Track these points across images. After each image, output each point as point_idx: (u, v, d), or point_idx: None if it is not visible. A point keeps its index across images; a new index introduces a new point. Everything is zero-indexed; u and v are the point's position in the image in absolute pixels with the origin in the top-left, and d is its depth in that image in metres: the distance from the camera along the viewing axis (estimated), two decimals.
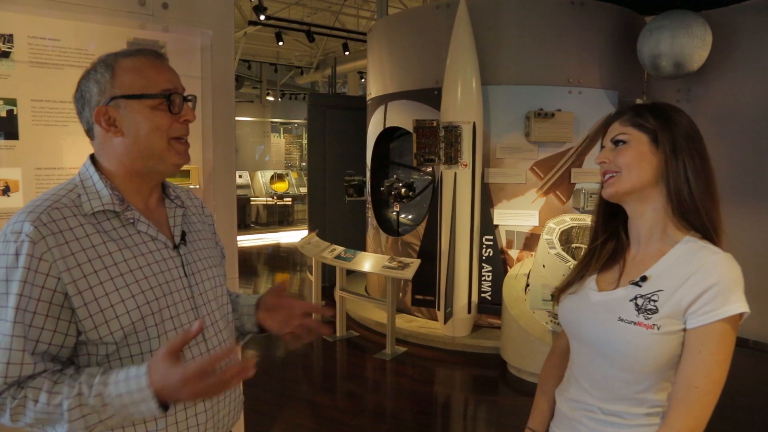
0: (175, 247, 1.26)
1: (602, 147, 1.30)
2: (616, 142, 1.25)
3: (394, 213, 6.27)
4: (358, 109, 7.31)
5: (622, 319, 1.19)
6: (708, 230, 1.20)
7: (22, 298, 1.05)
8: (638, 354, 1.16)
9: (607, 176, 1.26)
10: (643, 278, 1.21)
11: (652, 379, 1.18)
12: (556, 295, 1.37)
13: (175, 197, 1.32)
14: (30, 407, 1.04)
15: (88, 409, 1.03)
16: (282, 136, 15.58)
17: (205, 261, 1.32)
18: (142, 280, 1.16)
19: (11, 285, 1.05)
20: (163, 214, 1.29)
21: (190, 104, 1.24)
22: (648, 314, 1.16)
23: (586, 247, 1.39)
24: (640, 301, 1.18)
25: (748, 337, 5.36)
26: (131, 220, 1.19)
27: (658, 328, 1.14)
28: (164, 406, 1.04)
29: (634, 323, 1.17)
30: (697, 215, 1.19)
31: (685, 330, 1.14)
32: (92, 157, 1.24)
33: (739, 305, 1.11)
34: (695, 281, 1.13)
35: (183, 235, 1.29)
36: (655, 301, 1.17)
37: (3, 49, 1.80)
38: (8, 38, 1.81)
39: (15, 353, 1.04)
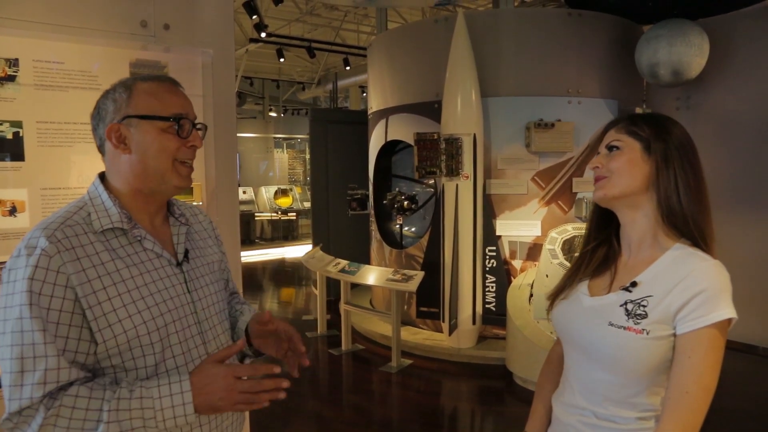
0: (179, 264, 1.29)
1: (597, 153, 1.33)
2: (610, 148, 1.29)
3: (397, 226, 6.29)
4: (359, 123, 7.36)
5: (612, 324, 1.21)
6: (696, 238, 1.22)
7: (45, 310, 1.08)
8: (628, 358, 1.18)
9: (598, 179, 1.28)
10: (634, 284, 1.23)
11: (643, 384, 1.19)
12: (550, 301, 1.39)
13: (180, 215, 1.36)
14: (65, 415, 1.04)
15: (126, 414, 1.06)
16: (285, 151, 15.65)
17: (207, 277, 1.36)
18: (148, 297, 1.19)
19: (33, 296, 1.07)
20: (168, 233, 1.32)
21: (199, 132, 1.29)
22: (637, 319, 1.18)
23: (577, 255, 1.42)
24: (630, 306, 1.20)
25: (757, 344, 5.33)
26: (138, 238, 1.23)
27: (648, 333, 1.16)
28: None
29: (624, 328, 1.19)
30: (685, 223, 1.22)
31: (674, 335, 1.16)
32: (101, 176, 1.28)
33: (727, 311, 1.12)
34: (684, 287, 1.15)
35: (186, 252, 1.32)
36: (644, 306, 1.19)
37: (9, 73, 1.84)
38: (14, 62, 1.85)
39: (51, 359, 1.06)
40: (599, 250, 1.36)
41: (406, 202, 5.97)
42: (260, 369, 1.15)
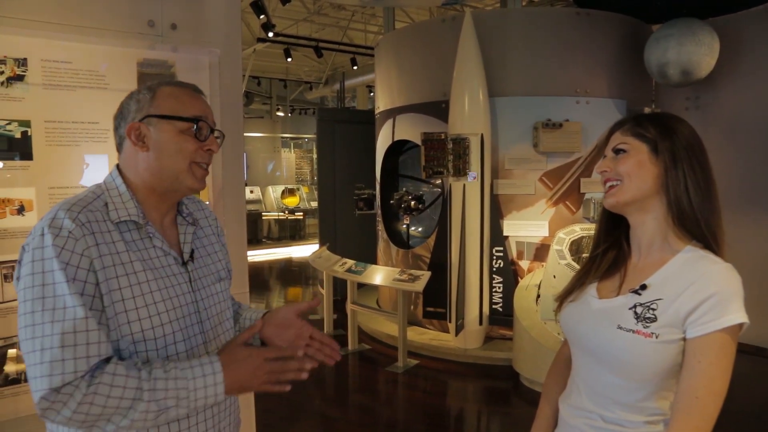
0: (184, 263, 1.30)
1: (604, 156, 1.31)
2: (616, 152, 1.27)
3: (404, 226, 6.28)
4: (366, 122, 7.36)
5: (621, 327, 1.19)
6: (708, 240, 1.20)
7: (75, 285, 1.09)
8: (637, 362, 1.17)
9: (608, 185, 1.27)
10: (643, 287, 1.21)
11: (652, 387, 1.18)
12: (558, 303, 1.38)
13: (187, 214, 1.37)
14: (103, 393, 1.05)
15: (162, 394, 1.10)
16: (292, 151, 15.68)
17: (211, 277, 1.37)
18: (156, 292, 1.21)
19: (68, 274, 1.08)
20: (175, 232, 1.34)
21: (217, 139, 1.30)
22: (647, 322, 1.16)
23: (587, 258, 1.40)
24: (639, 310, 1.19)
25: (767, 346, 5.27)
26: (150, 234, 1.24)
27: (657, 337, 1.15)
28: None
29: (633, 331, 1.17)
30: (696, 225, 1.20)
31: (684, 339, 1.14)
32: (118, 167, 1.29)
33: (738, 315, 1.10)
34: (694, 291, 1.13)
35: (191, 252, 1.34)
36: (654, 309, 1.17)
37: (17, 73, 1.85)
38: (22, 62, 1.86)
39: (92, 333, 1.08)
40: (609, 253, 1.34)
41: (413, 202, 5.97)
42: (285, 352, 1.24)
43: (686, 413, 1.11)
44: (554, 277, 4.62)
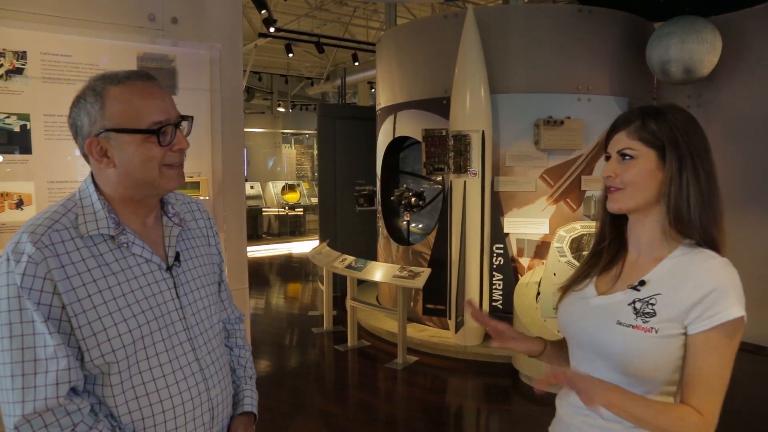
0: (169, 268, 1.26)
1: (606, 155, 1.28)
2: (623, 155, 1.23)
3: (405, 222, 6.27)
4: (367, 119, 7.34)
5: (620, 323, 1.20)
6: (703, 243, 1.20)
7: (41, 314, 1.07)
8: (637, 357, 1.17)
9: (612, 189, 1.25)
10: (642, 282, 1.22)
11: (652, 383, 1.18)
12: (560, 294, 1.38)
13: (173, 215, 1.31)
14: None
15: None
16: (293, 146, 15.68)
17: (199, 280, 1.32)
18: (134, 304, 1.16)
19: (24, 302, 1.06)
20: (160, 233, 1.28)
21: (184, 129, 1.23)
22: (646, 317, 1.17)
23: (590, 250, 1.40)
24: (638, 305, 1.20)
25: (767, 345, 5.27)
26: (126, 244, 1.19)
27: (656, 332, 1.15)
28: None
29: (633, 326, 1.18)
30: (692, 230, 1.20)
31: (685, 334, 1.15)
32: (92, 176, 1.24)
33: (737, 309, 1.12)
34: (693, 286, 1.14)
35: (177, 255, 1.29)
36: (653, 304, 1.18)
37: (16, 66, 1.84)
38: (22, 55, 1.85)
39: (62, 360, 1.07)
40: (613, 246, 1.34)
41: (413, 199, 5.95)
42: None
43: (695, 387, 1.13)
44: (554, 274, 4.61)
